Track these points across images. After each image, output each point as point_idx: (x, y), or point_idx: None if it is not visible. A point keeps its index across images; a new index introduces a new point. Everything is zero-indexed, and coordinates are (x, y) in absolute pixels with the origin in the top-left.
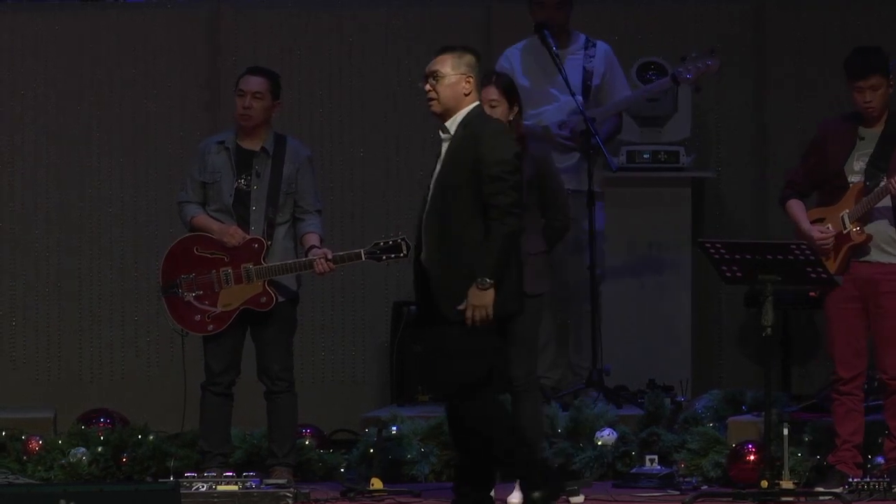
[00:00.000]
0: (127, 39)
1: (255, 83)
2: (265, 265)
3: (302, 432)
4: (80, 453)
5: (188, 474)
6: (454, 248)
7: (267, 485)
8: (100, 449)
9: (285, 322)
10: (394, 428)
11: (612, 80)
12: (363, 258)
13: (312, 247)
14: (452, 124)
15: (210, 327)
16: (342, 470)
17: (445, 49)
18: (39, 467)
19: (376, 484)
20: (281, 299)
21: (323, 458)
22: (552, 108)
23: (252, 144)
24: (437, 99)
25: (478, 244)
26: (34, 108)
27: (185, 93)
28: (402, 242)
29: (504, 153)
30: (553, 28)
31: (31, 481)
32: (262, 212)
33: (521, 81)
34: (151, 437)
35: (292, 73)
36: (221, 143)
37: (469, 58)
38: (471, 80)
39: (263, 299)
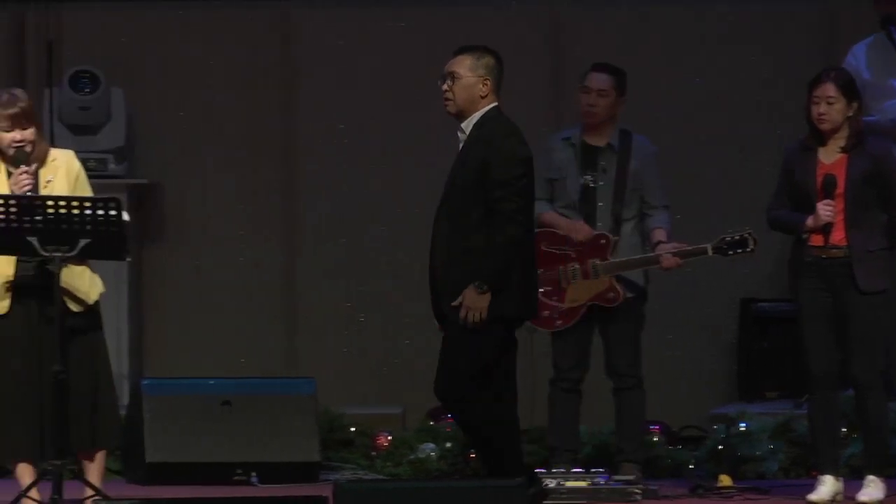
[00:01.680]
0: (468, 39)
1: (600, 80)
2: (612, 261)
3: (650, 429)
4: (428, 449)
5: (536, 470)
6: (459, 251)
7: (615, 481)
8: (448, 445)
9: (633, 318)
10: (742, 425)
11: None
12: (710, 253)
13: (659, 242)
14: (468, 125)
15: (558, 323)
16: (690, 466)
17: (465, 49)
18: (388, 463)
19: (725, 481)
20: (629, 295)
21: (671, 455)
22: (893, 103)
23: (598, 140)
24: (453, 100)
25: (481, 249)
26: (371, 105)
27: (528, 91)
28: (749, 237)
29: (512, 157)
30: None
31: (379, 477)
32: (608, 208)
33: (864, 76)
34: None
35: (637, 68)
36: (567, 139)
37: (488, 59)
38: (488, 82)
39: (611, 295)
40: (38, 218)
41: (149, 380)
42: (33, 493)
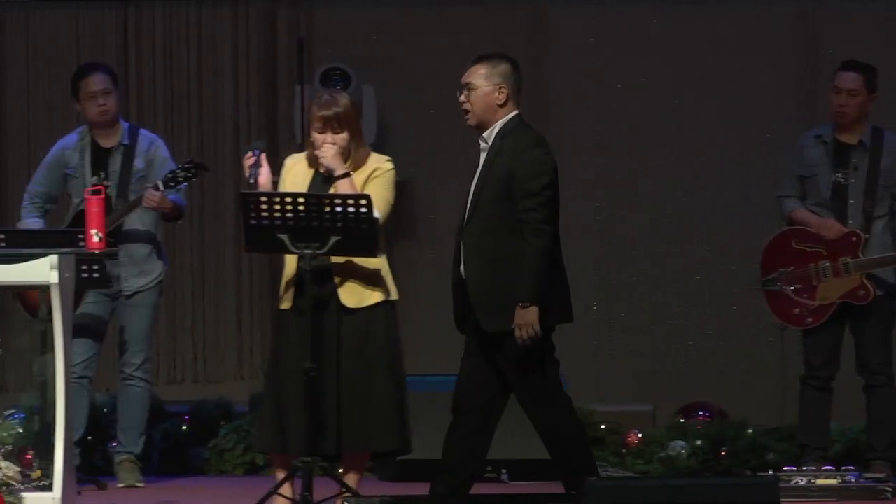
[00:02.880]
0: (722, 36)
1: (850, 80)
2: (863, 259)
3: None
4: (678, 446)
5: (786, 468)
6: (490, 263)
7: (866, 479)
8: (698, 442)
9: (884, 315)
10: None
11: None
12: None
13: None
14: (490, 135)
15: (808, 321)
16: None
17: (480, 59)
18: (638, 460)
19: None
20: (879, 293)
21: None
22: None
23: (850, 138)
24: (471, 111)
25: (512, 260)
26: (627, 101)
27: (781, 87)
28: None
29: (538, 167)
30: None
31: (629, 474)
32: (859, 205)
33: None
34: (750, 431)
35: (890, 64)
36: (819, 136)
37: (504, 67)
38: (504, 90)
39: (861, 293)
40: (288, 215)
41: None
42: (287, 490)
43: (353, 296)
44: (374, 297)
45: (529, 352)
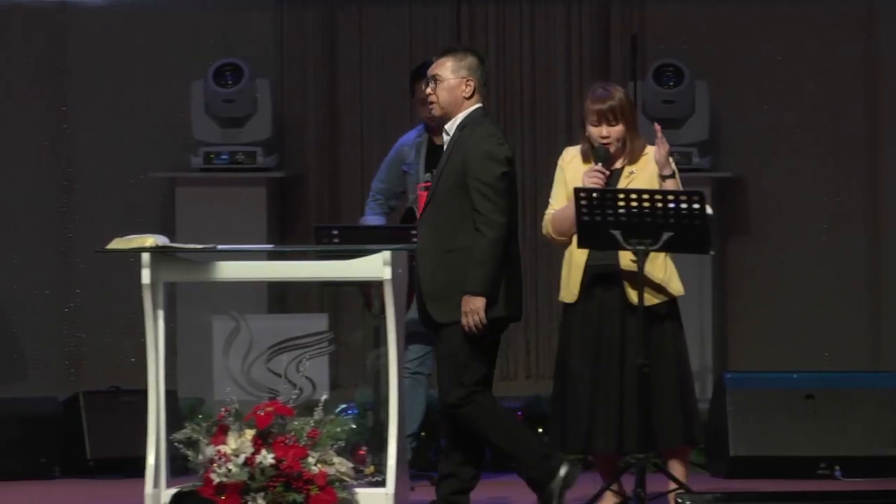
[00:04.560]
0: None
1: None
2: None
3: None
4: None
5: None
6: (444, 254)
7: None
8: None
9: None
10: None
11: None
12: None
13: None
14: (452, 127)
15: None
16: None
17: (447, 51)
18: None
19: None
20: None
21: None
22: None
23: None
24: (437, 102)
25: (465, 251)
26: None
27: None
28: None
29: (491, 158)
30: None
31: None
32: None
33: None
34: None
35: None
36: None
37: (470, 60)
38: (471, 82)
39: None
40: (621, 211)
41: (732, 373)
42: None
43: (649, 287)
44: (659, 295)
45: (468, 343)
